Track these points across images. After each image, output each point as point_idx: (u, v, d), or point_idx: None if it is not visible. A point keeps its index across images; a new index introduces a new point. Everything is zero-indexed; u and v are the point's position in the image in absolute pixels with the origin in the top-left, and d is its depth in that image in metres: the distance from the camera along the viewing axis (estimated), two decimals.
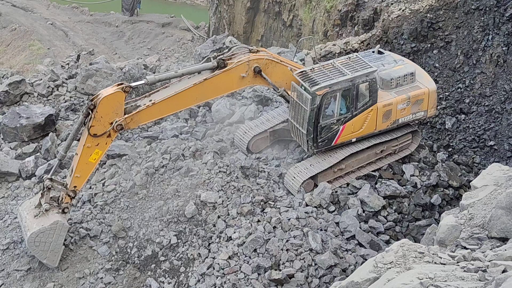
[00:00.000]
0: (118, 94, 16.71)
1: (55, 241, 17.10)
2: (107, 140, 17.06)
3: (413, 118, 20.10)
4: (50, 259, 17.40)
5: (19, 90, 23.57)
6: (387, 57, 20.50)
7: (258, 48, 19.31)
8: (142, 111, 17.32)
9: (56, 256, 17.40)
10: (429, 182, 20.04)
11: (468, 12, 26.97)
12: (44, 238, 16.95)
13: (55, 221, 16.98)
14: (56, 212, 17.25)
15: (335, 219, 18.35)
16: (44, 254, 17.26)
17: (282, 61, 19.07)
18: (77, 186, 17.32)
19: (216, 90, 18.49)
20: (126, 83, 17.02)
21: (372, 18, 30.13)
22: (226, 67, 18.12)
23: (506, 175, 12.39)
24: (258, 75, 18.56)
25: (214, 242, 17.62)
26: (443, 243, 11.26)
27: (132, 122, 17.22)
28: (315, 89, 18.03)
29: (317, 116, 18.43)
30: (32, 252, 17.34)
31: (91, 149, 16.91)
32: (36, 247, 17.08)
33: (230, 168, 19.33)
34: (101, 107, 16.59)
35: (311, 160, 19.42)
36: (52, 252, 17.26)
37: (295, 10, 41.31)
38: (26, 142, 21.77)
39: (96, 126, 16.70)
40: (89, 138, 16.79)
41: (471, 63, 26.62)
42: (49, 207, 17.16)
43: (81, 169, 17.11)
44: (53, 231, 16.97)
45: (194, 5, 63.20)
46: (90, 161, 17.06)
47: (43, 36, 47.86)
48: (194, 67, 19.00)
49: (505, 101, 25.19)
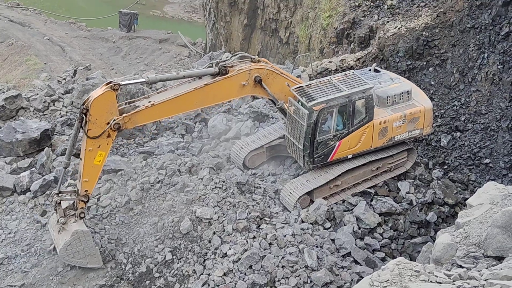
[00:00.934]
0: (108, 94, 16.51)
1: (85, 246, 17.29)
2: (107, 141, 16.92)
3: (409, 136, 20.17)
4: (92, 262, 17.61)
5: (15, 105, 23.55)
6: (383, 75, 20.64)
7: (259, 58, 19.29)
8: (141, 112, 17.21)
9: (96, 257, 17.59)
10: (424, 200, 20.05)
11: (463, 30, 27.17)
12: (73, 249, 17.18)
13: (73, 231, 17.11)
14: (73, 222, 17.36)
15: (331, 236, 18.31)
16: (84, 260, 17.49)
17: (282, 73, 19.11)
18: (88, 190, 17.32)
19: (216, 97, 18.43)
20: (114, 81, 16.77)
21: (368, 36, 30.33)
22: (227, 74, 18.14)
23: (502, 194, 12.40)
24: (258, 85, 18.56)
25: (210, 258, 17.54)
26: (439, 262, 11.24)
27: (130, 122, 17.10)
28: (312, 104, 18.10)
29: (314, 132, 18.48)
30: (72, 263, 17.57)
31: (93, 152, 16.82)
32: (73, 259, 17.36)
33: (226, 184, 19.30)
34: (94, 109, 16.44)
35: (307, 176, 19.42)
36: (90, 255, 17.46)
37: (292, 27, 41.56)
38: (22, 157, 21.70)
39: (93, 128, 16.58)
40: (89, 141, 16.69)
41: (466, 81, 26.76)
42: (64, 220, 17.30)
43: (88, 173, 17.07)
44: (78, 240, 17.14)
45: (191, 21, 63.54)
46: (95, 163, 17.00)
47: (40, 51, 48.00)
48: (195, 71, 18.99)
49: (500, 119, 25.28)
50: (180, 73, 18.52)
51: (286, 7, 41.99)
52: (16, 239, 18.85)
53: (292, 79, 19.27)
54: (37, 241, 18.73)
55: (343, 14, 31.96)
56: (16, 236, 18.95)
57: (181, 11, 70.22)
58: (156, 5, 71.89)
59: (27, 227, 19.23)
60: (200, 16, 62.70)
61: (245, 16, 46.43)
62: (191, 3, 71.56)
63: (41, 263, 18.09)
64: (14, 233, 19.02)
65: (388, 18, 29.88)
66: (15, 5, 63.43)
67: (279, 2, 42.62)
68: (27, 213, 19.68)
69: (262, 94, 19.12)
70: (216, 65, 18.12)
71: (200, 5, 64.12)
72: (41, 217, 19.37)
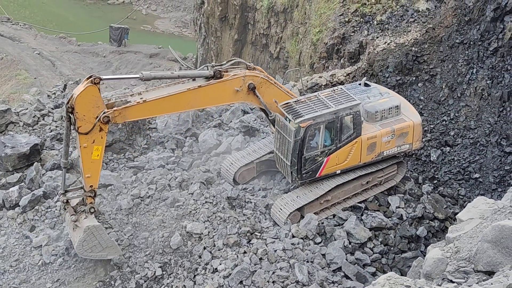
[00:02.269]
0: (89, 89, 16.29)
1: (100, 240, 17.35)
2: (101, 134, 16.77)
3: (398, 151, 20.19)
4: (112, 253, 17.69)
5: (5, 120, 23.43)
6: (373, 90, 20.69)
7: (255, 66, 19.28)
8: (132, 107, 17.08)
9: (114, 248, 17.65)
10: (414, 214, 20.08)
11: (452, 46, 27.41)
12: (89, 244, 17.26)
13: (85, 227, 17.17)
14: (84, 218, 17.43)
15: (322, 250, 18.28)
16: (104, 253, 17.55)
17: (276, 83, 19.12)
18: (93, 184, 17.27)
19: (209, 99, 18.38)
20: (94, 75, 16.50)
21: (357, 51, 30.53)
22: (221, 78, 18.16)
23: (492, 208, 12.44)
24: (252, 92, 18.55)
25: (200, 274, 17.45)
26: (429, 276, 11.23)
27: (119, 116, 16.95)
28: (299, 121, 18.15)
29: (301, 148, 18.50)
30: (92, 258, 17.70)
31: (89, 147, 16.73)
32: (91, 253, 17.46)
33: (216, 199, 19.26)
34: (79, 106, 16.30)
35: (298, 192, 19.40)
36: (108, 247, 17.51)
37: (282, 42, 41.78)
38: (11, 171, 21.54)
39: (83, 125, 16.45)
40: (82, 138, 16.58)
41: (455, 96, 26.95)
42: (76, 218, 17.40)
43: (88, 169, 17.02)
44: (91, 235, 17.20)
45: (182, 36, 63.73)
46: (94, 158, 16.92)
47: (30, 65, 47.93)
48: (190, 72, 18.93)
49: (489, 134, 25.45)
50: (175, 72, 18.36)
51: (276, 22, 42.23)
52: (4, 255, 18.67)
53: (285, 91, 19.30)
54: (25, 257, 18.57)
55: (333, 30, 32.16)
56: (5, 251, 18.77)
57: (172, 26, 70.49)
58: (147, 20, 72.16)
59: (16, 242, 19.06)
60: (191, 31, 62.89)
61: (236, 31, 46.64)
62: (182, 18, 71.88)
63: (30, 279, 17.92)
64: (3, 248, 18.84)
65: (377, 33, 30.11)
66: (5, 19, 63.41)
67: (269, 18, 42.87)
68: (16, 228, 19.51)
69: (254, 102, 19.10)
70: (212, 68, 18.15)
71: (190, 20, 64.33)
72: (30, 232, 19.22)
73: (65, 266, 18.20)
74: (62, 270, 18.12)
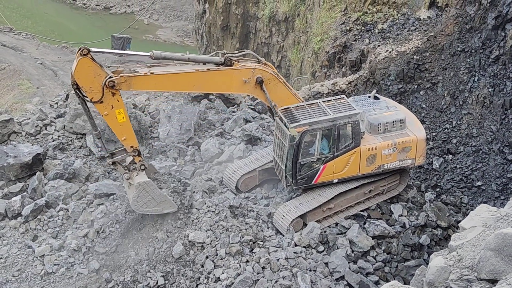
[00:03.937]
0: (82, 61, 16.47)
1: (153, 195, 17.86)
2: (116, 98, 17.02)
3: (400, 166, 19.98)
4: (167, 207, 18.30)
5: (7, 129, 23.48)
6: (381, 103, 20.64)
7: (266, 62, 19.35)
8: (139, 77, 17.28)
9: (168, 202, 18.24)
10: (417, 222, 20.04)
11: (454, 54, 27.45)
12: (143, 200, 17.81)
13: (137, 183, 17.68)
14: (136, 175, 17.93)
15: (324, 259, 18.23)
16: (159, 207, 18.15)
17: (285, 83, 19.15)
18: (133, 144, 17.71)
19: (215, 85, 18.53)
20: (83, 46, 16.59)
21: (359, 59, 30.60)
22: (231, 66, 18.23)
23: (494, 216, 12.40)
24: (259, 86, 18.61)
25: (202, 283, 17.41)
26: (432, 285, 11.19)
27: (125, 83, 17.11)
28: (294, 126, 18.19)
29: (296, 153, 18.52)
30: (149, 213, 18.29)
31: (111, 114, 17.06)
32: (147, 209, 18.05)
33: (218, 208, 19.24)
34: (80, 80, 16.64)
35: (300, 199, 19.40)
36: (162, 202, 18.09)
37: (284, 51, 41.90)
38: (13, 181, 21.57)
39: (94, 95, 16.76)
40: (100, 107, 16.91)
41: (457, 104, 26.95)
42: (128, 176, 17.96)
43: (120, 132, 17.42)
44: (144, 191, 17.73)
45: (183, 45, 63.85)
46: (120, 122, 17.25)
47: (32, 75, 48.01)
48: (201, 57, 19.00)
49: (492, 141, 25.43)
50: (186, 55, 18.40)
51: (278, 31, 42.37)
52: (7, 265, 18.66)
53: (292, 93, 19.31)
54: (28, 267, 18.56)
55: (335, 38, 32.26)
56: (7, 261, 18.76)
57: (174, 35, 70.69)
58: (149, 29, 72.37)
59: (18, 252, 19.05)
60: (193, 40, 63.02)
61: (237, 40, 46.80)
62: (184, 27, 72.09)
63: None
64: (5, 258, 18.83)
65: (379, 42, 30.18)
66: (7, 29, 63.62)
67: (271, 27, 43.02)
68: (18, 238, 19.51)
69: (261, 97, 19.12)
70: (223, 55, 18.24)
71: (192, 30, 64.52)
72: (32, 242, 19.21)
73: (67, 276, 18.19)
74: (64, 280, 18.10)
